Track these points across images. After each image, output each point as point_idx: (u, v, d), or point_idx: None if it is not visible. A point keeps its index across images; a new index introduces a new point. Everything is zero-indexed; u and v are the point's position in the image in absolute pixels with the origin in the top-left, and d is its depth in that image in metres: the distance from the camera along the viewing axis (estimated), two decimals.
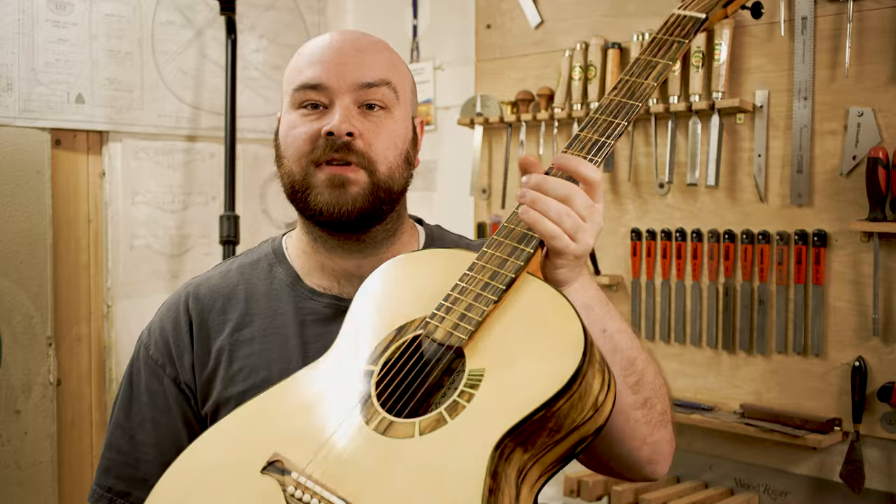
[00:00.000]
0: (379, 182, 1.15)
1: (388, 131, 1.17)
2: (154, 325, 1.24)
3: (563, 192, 0.98)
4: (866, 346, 2.06)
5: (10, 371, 2.34)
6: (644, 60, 1.07)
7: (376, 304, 1.06)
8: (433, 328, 0.98)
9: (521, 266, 0.99)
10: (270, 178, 2.96)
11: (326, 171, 1.14)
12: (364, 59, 1.16)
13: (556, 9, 2.61)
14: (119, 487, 1.19)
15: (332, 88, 1.15)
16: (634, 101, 1.04)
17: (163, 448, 1.19)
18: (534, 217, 0.99)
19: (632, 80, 1.06)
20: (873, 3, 2.04)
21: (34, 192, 2.39)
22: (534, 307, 0.97)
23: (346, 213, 1.15)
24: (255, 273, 1.25)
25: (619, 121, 1.03)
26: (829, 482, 2.12)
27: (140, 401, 1.21)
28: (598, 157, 1.02)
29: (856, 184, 2.07)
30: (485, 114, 2.69)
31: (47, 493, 2.40)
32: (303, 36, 3.04)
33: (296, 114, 1.17)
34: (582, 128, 1.05)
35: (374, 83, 1.16)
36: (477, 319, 0.97)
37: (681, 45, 1.07)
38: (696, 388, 2.33)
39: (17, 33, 2.36)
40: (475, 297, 0.98)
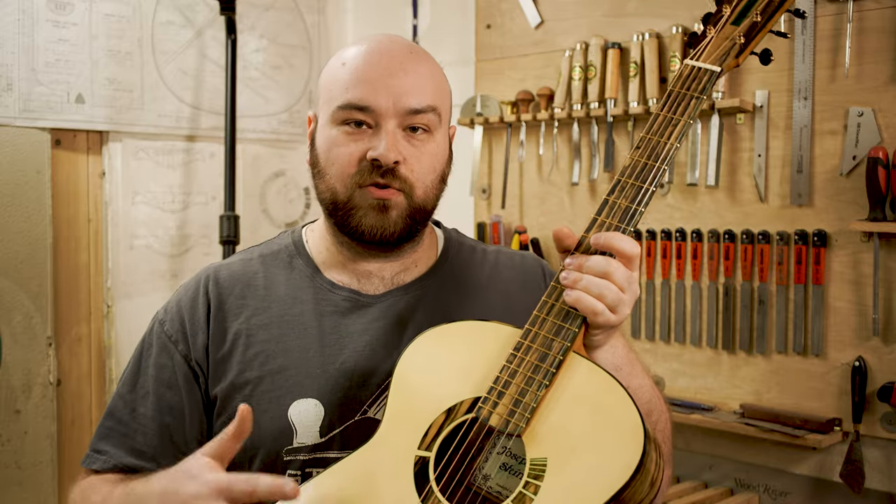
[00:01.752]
0: (415, 205, 1.19)
1: (430, 156, 1.20)
2: (171, 303, 1.26)
3: (603, 269, 1.02)
4: (866, 346, 2.06)
5: (10, 371, 2.34)
6: (663, 117, 1.08)
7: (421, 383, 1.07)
8: (487, 413, 1.00)
9: (568, 347, 1.01)
10: (270, 178, 2.96)
11: (373, 194, 1.16)
12: (412, 83, 1.17)
13: (556, 9, 2.61)
14: (115, 452, 1.20)
15: (379, 111, 1.15)
16: (658, 163, 1.06)
17: (162, 422, 1.20)
18: (576, 296, 1.02)
19: (653, 138, 1.07)
20: (873, 3, 2.04)
21: (34, 192, 2.39)
22: (589, 393, 0.99)
23: (388, 235, 1.18)
24: (276, 263, 1.27)
25: (647, 186, 1.06)
26: (829, 482, 2.12)
27: (147, 374, 1.22)
28: (631, 226, 1.04)
29: (856, 184, 2.07)
30: (485, 114, 2.69)
31: (47, 493, 2.40)
32: (303, 36, 3.05)
33: (338, 130, 1.18)
34: (610, 191, 1.07)
35: (421, 109, 1.17)
36: (532, 406, 0.98)
37: (699, 100, 1.08)
38: (696, 388, 2.33)
39: (17, 33, 2.36)
40: (526, 381, 1.00)
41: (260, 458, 1.17)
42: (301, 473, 1.16)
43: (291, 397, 1.17)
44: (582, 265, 1.03)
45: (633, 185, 1.06)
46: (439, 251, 1.32)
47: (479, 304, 1.27)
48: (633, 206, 1.05)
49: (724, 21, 1.11)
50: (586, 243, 1.05)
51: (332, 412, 1.16)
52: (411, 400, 1.05)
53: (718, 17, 1.12)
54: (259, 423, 1.16)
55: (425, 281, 1.26)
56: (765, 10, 1.09)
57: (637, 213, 1.05)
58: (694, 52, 1.12)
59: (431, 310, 1.24)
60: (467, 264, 1.31)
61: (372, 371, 1.19)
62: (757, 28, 1.09)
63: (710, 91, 1.10)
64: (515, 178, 2.68)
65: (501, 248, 1.39)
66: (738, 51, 1.10)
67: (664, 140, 1.06)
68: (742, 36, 1.09)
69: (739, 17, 1.10)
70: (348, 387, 1.18)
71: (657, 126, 1.08)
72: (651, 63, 2.36)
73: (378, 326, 1.21)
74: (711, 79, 1.08)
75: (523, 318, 1.27)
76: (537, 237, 2.61)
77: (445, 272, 1.29)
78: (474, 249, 1.35)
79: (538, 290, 1.31)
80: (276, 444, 1.16)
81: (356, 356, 1.19)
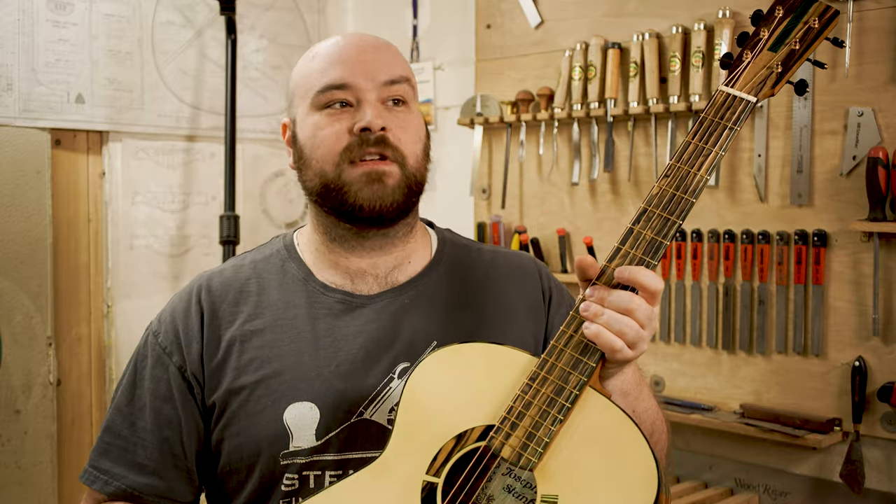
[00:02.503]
0: (409, 174, 1.19)
1: (413, 125, 1.21)
2: (164, 314, 1.26)
3: (626, 305, 1.00)
4: (866, 346, 2.06)
5: (10, 371, 2.34)
6: (695, 146, 1.05)
7: (431, 404, 1.05)
8: (499, 444, 0.99)
9: (585, 382, 1.00)
10: (270, 178, 2.96)
11: (362, 168, 1.16)
12: (383, 57, 1.20)
13: (556, 9, 2.61)
14: (115, 470, 1.19)
15: (358, 87, 1.17)
16: (688, 195, 1.03)
17: (162, 435, 1.19)
18: (596, 330, 1.00)
19: (683, 168, 1.04)
20: (873, 3, 2.04)
21: (34, 192, 2.39)
22: (604, 432, 0.98)
23: (388, 206, 1.17)
24: (268, 268, 1.27)
25: (674, 219, 1.03)
26: (829, 482, 2.12)
27: (143, 386, 1.21)
28: (655, 260, 1.02)
29: (856, 184, 2.07)
30: (485, 114, 2.69)
31: (47, 493, 2.40)
32: (303, 36, 3.05)
33: (320, 115, 1.19)
34: (636, 220, 1.04)
35: (397, 80, 1.19)
36: (546, 441, 0.98)
37: (732, 131, 1.04)
38: (696, 388, 2.33)
39: (17, 33, 2.36)
40: (541, 414, 0.99)
41: (259, 465, 1.16)
42: (298, 477, 1.15)
43: (287, 401, 1.16)
44: (604, 298, 1.01)
45: (660, 217, 1.03)
46: (433, 251, 1.31)
47: (474, 305, 1.26)
48: (658, 238, 1.02)
49: (762, 46, 1.07)
50: (609, 273, 1.02)
51: (328, 415, 1.16)
52: (421, 421, 1.04)
53: (756, 40, 1.07)
54: (255, 428, 1.16)
55: (419, 281, 1.26)
56: (804, 37, 1.05)
57: (662, 247, 1.02)
58: (729, 78, 1.07)
59: (426, 310, 1.23)
60: (462, 264, 1.31)
61: (367, 373, 1.18)
62: (795, 56, 1.05)
63: (744, 122, 1.06)
64: (515, 178, 2.68)
65: (497, 247, 1.38)
66: (774, 80, 1.06)
67: (694, 171, 1.04)
68: (780, 64, 1.05)
69: (777, 42, 1.06)
70: (344, 389, 1.17)
71: (687, 155, 1.04)
72: (651, 63, 2.36)
73: (372, 328, 1.20)
74: (746, 110, 1.04)
75: (517, 319, 1.27)
76: (537, 237, 2.61)
77: (440, 272, 1.28)
78: (469, 248, 1.34)
79: (534, 291, 1.31)
80: (272, 449, 1.15)
81: (351, 358, 1.18)
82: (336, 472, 1.15)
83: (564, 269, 2.55)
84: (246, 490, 1.18)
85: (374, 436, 1.16)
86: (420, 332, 1.21)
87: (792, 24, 1.06)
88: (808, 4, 1.05)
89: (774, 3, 1.08)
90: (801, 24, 1.06)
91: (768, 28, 1.07)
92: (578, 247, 2.55)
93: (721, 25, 2.23)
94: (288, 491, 1.16)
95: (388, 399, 1.17)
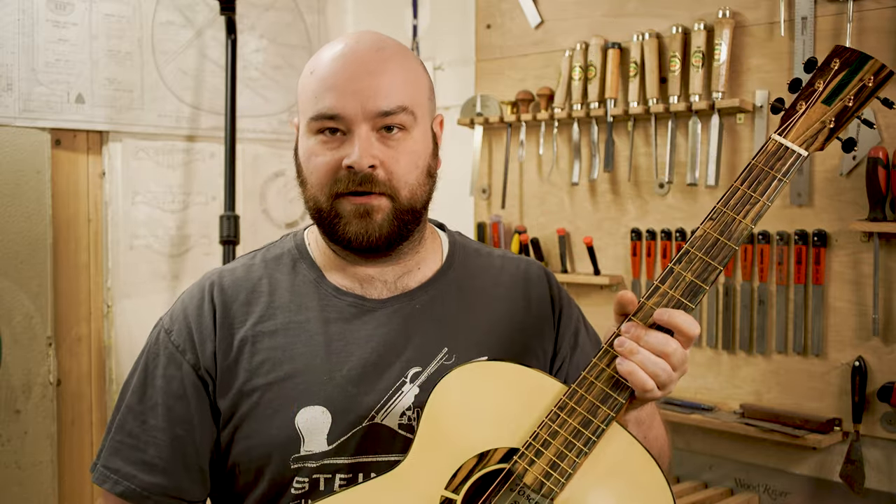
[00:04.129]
0: (402, 206, 1.17)
1: (408, 153, 1.17)
2: (176, 311, 1.24)
3: (662, 348, 1.01)
4: (866, 346, 2.06)
5: (10, 371, 2.34)
6: (742, 192, 1.04)
7: (455, 419, 1.06)
8: (522, 470, 1.00)
9: (613, 417, 1.01)
10: (270, 178, 2.96)
11: (352, 202, 1.15)
12: (379, 83, 1.15)
13: (556, 9, 2.61)
14: (126, 470, 1.18)
15: (348, 118, 1.14)
16: (731, 242, 1.03)
17: (173, 434, 1.19)
18: (630, 369, 1.00)
19: (729, 213, 1.04)
20: (873, 3, 2.04)
21: (34, 192, 2.39)
22: (627, 469, 1.00)
23: (375, 240, 1.17)
24: (279, 268, 1.26)
25: (716, 264, 1.03)
26: (829, 482, 2.12)
27: (155, 385, 1.21)
28: (693, 304, 1.03)
29: (856, 184, 2.07)
30: (485, 114, 2.69)
31: (47, 493, 2.40)
32: (303, 36, 3.05)
33: (314, 140, 1.17)
34: (677, 260, 1.04)
35: (391, 111, 1.15)
36: (569, 472, 0.99)
37: (781, 182, 1.04)
38: (696, 388, 2.33)
39: (17, 33, 2.36)
40: (565, 444, 1.00)
41: (269, 467, 1.16)
42: (309, 480, 1.15)
43: (298, 405, 1.16)
44: (640, 337, 1.01)
45: (701, 260, 1.03)
46: (444, 255, 1.30)
47: (483, 312, 1.26)
48: (697, 282, 1.02)
49: (817, 98, 1.07)
50: (646, 311, 1.03)
51: (340, 419, 1.16)
52: (443, 435, 1.04)
53: (810, 91, 1.07)
54: (267, 431, 1.16)
55: (430, 287, 1.25)
56: (858, 94, 1.05)
57: (701, 291, 1.02)
58: (782, 127, 1.07)
59: (437, 316, 1.23)
60: (473, 269, 1.30)
61: (379, 377, 1.18)
62: (848, 113, 1.06)
63: (793, 175, 1.06)
64: (515, 178, 2.68)
65: (506, 253, 1.37)
66: (826, 135, 1.06)
67: (739, 218, 1.03)
68: (833, 120, 1.06)
69: (831, 96, 1.06)
70: (355, 393, 1.17)
71: (734, 201, 1.04)
72: (651, 63, 2.36)
73: (384, 332, 1.20)
74: (796, 162, 1.05)
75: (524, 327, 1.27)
76: (537, 237, 2.61)
77: (450, 278, 1.28)
78: (479, 253, 1.34)
79: (543, 300, 1.31)
80: (283, 453, 1.15)
81: (363, 362, 1.18)
82: (347, 476, 1.15)
83: (564, 269, 2.55)
84: (255, 492, 1.18)
85: (386, 440, 1.16)
86: (431, 338, 1.21)
87: (847, 78, 1.06)
88: (863, 61, 1.05)
89: (831, 54, 1.07)
90: (857, 80, 1.05)
91: (823, 80, 1.07)
92: (578, 247, 2.55)
93: (721, 25, 2.23)
94: (298, 494, 1.15)
95: (399, 403, 1.17)
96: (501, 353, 1.23)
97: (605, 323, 1.10)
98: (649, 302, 1.03)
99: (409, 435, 1.16)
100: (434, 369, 1.19)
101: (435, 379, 1.17)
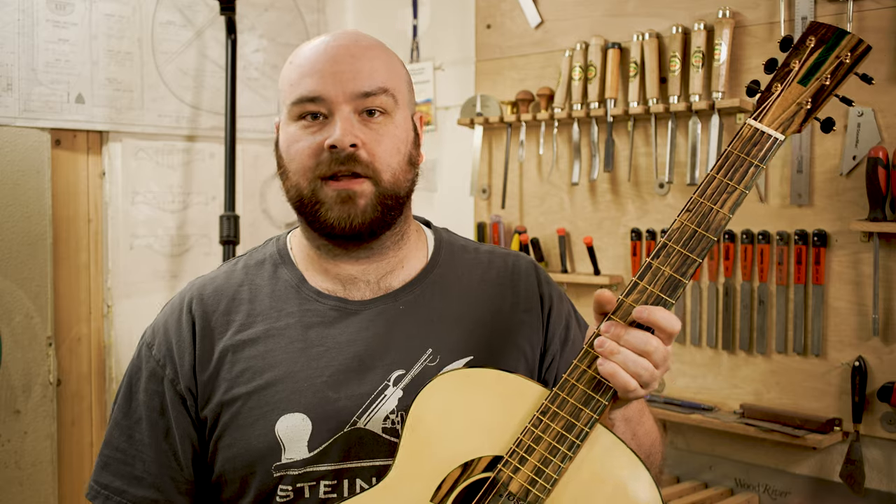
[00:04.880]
0: (385, 191, 1.16)
1: (390, 137, 1.16)
2: (157, 325, 1.24)
3: (643, 347, 0.99)
4: (866, 346, 2.06)
5: (10, 371, 2.34)
6: (718, 181, 1.01)
7: (438, 429, 1.05)
8: (507, 478, 0.99)
9: (596, 420, 0.99)
10: (270, 178, 2.96)
11: (334, 187, 1.14)
12: (360, 66, 1.15)
13: (556, 9, 2.61)
14: (115, 485, 1.19)
15: (330, 99, 1.14)
16: (709, 233, 1.00)
17: (159, 448, 1.19)
18: (612, 370, 0.99)
19: (705, 203, 1.01)
20: (873, 3, 2.04)
21: (34, 192, 2.39)
22: (612, 472, 0.99)
23: (357, 226, 1.15)
24: (260, 273, 1.25)
25: (694, 257, 1.00)
26: (829, 482, 2.12)
27: (138, 399, 1.21)
28: (673, 299, 1.00)
29: (856, 184, 2.07)
30: (485, 114, 2.69)
31: (47, 493, 2.40)
32: (303, 36, 3.04)
33: (295, 126, 1.16)
34: (655, 255, 1.01)
35: (373, 92, 1.15)
36: (555, 477, 0.98)
37: (758, 169, 1.01)
38: (696, 388, 2.33)
39: (17, 33, 2.36)
40: (550, 450, 0.99)
41: (253, 477, 1.15)
42: (293, 489, 1.14)
43: (278, 413, 1.15)
44: (620, 336, 0.99)
45: (680, 253, 1.00)
46: (429, 253, 1.28)
47: (468, 310, 1.24)
48: (676, 276, 1.00)
49: (792, 78, 1.03)
50: (626, 308, 1.00)
51: (320, 426, 1.14)
52: (427, 446, 1.04)
53: (785, 71, 1.03)
54: (248, 440, 1.15)
55: (415, 286, 1.24)
56: (835, 72, 1.02)
57: (681, 286, 1.00)
58: (757, 111, 1.03)
59: (421, 317, 1.21)
60: (459, 267, 1.28)
61: (361, 381, 1.17)
62: (825, 92, 1.02)
63: (770, 160, 1.02)
64: (515, 178, 2.68)
65: (495, 248, 1.35)
66: (803, 116, 1.03)
67: (717, 208, 1.00)
68: (809, 101, 1.02)
69: (808, 75, 1.02)
70: (336, 399, 1.15)
71: (711, 190, 1.01)
72: (651, 63, 2.36)
73: (367, 335, 1.19)
74: (773, 147, 1.01)
75: (511, 323, 1.25)
76: (537, 237, 2.61)
77: (435, 276, 1.26)
78: (465, 249, 1.32)
79: (531, 295, 1.29)
80: (265, 462, 1.14)
81: (345, 367, 1.17)
82: (331, 483, 1.14)
83: (564, 269, 2.55)
84: (242, 501, 1.17)
85: (369, 445, 1.15)
86: (415, 339, 1.20)
87: (823, 56, 1.02)
88: (840, 37, 1.02)
89: (806, 32, 1.04)
90: (833, 57, 1.02)
91: (799, 59, 1.03)
92: (578, 247, 2.55)
93: (721, 25, 2.23)
94: (283, 502, 1.15)
95: (382, 407, 1.16)
96: (487, 350, 1.21)
97: None
98: (628, 299, 1.00)
99: (393, 439, 1.14)
100: (418, 371, 1.18)
101: (419, 381, 1.16)
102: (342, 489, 1.14)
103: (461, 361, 1.19)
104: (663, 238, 1.02)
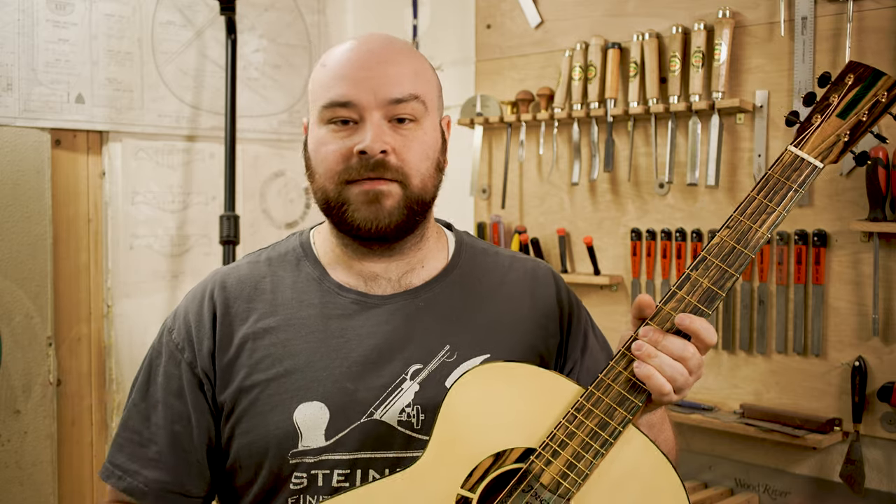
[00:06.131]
0: (412, 195, 1.18)
1: (420, 143, 1.18)
2: (179, 310, 1.27)
3: (680, 353, 1.03)
4: (866, 346, 2.06)
5: (10, 371, 2.34)
6: (759, 202, 1.07)
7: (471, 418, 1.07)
8: (539, 470, 1.02)
9: (629, 420, 1.03)
10: (270, 178, 2.96)
11: (361, 187, 1.15)
12: (390, 72, 1.16)
13: (556, 9, 2.61)
14: (129, 466, 1.21)
15: (361, 105, 1.15)
16: (747, 250, 1.06)
17: (173, 430, 1.21)
18: (647, 372, 1.03)
19: (745, 222, 1.07)
20: (873, 3, 2.04)
21: (34, 192, 2.39)
22: (642, 472, 1.02)
23: (384, 227, 1.17)
24: (283, 265, 1.27)
25: (732, 271, 1.05)
26: (829, 482, 2.12)
27: (156, 383, 1.23)
28: (710, 310, 1.05)
29: (856, 184, 2.07)
30: (485, 114, 2.69)
31: (47, 493, 2.40)
32: (303, 36, 3.05)
33: (325, 129, 1.18)
34: (694, 266, 1.07)
35: (403, 98, 1.16)
36: (586, 472, 1.01)
37: (797, 193, 1.07)
38: (695, 387, 2.33)
39: (17, 33, 2.36)
40: (582, 445, 1.02)
41: (267, 463, 1.17)
42: (307, 476, 1.16)
43: (297, 400, 1.17)
44: (658, 341, 1.03)
45: (718, 267, 1.05)
46: (450, 254, 1.30)
47: (486, 310, 1.26)
48: (714, 288, 1.05)
49: (832, 111, 1.09)
50: (663, 315, 1.05)
51: (338, 415, 1.16)
52: (459, 434, 1.06)
53: (825, 104, 1.10)
54: (265, 427, 1.17)
55: (434, 284, 1.26)
56: (872, 109, 1.08)
57: (718, 298, 1.05)
58: (798, 139, 1.09)
59: (440, 314, 1.23)
60: (479, 268, 1.30)
61: (379, 373, 1.18)
62: (862, 127, 1.08)
63: (808, 186, 1.08)
64: (515, 178, 2.68)
65: (515, 253, 1.37)
66: (840, 148, 1.08)
67: (756, 227, 1.06)
68: (847, 133, 1.08)
69: (846, 110, 1.08)
70: (354, 390, 1.17)
71: (751, 210, 1.07)
72: (651, 63, 2.36)
73: (386, 329, 1.21)
74: (812, 174, 1.07)
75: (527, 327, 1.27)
76: (537, 237, 2.61)
77: (455, 277, 1.28)
78: (486, 252, 1.34)
79: (549, 301, 1.31)
80: (281, 448, 1.16)
81: (363, 359, 1.19)
82: (344, 472, 1.16)
83: (564, 270, 2.55)
84: (255, 487, 1.19)
85: (384, 437, 1.16)
86: (433, 335, 1.21)
87: (861, 93, 1.08)
88: (877, 77, 1.08)
89: (845, 70, 1.10)
90: (870, 95, 1.08)
91: (838, 94, 1.09)
92: (578, 247, 2.55)
93: (721, 25, 2.23)
94: (296, 489, 1.16)
95: (398, 400, 1.17)
96: (503, 351, 1.23)
97: (605, 323, 1.11)
98: (666, 307, 1.05)
99: (408, 432, 1.16)
100: (435, 367, 1.20)
101: (436, 376, 1.18)
102: (355, 478, 1.16)
103: (479, 358, 1.21)
104: (703, 251, 1.07)
